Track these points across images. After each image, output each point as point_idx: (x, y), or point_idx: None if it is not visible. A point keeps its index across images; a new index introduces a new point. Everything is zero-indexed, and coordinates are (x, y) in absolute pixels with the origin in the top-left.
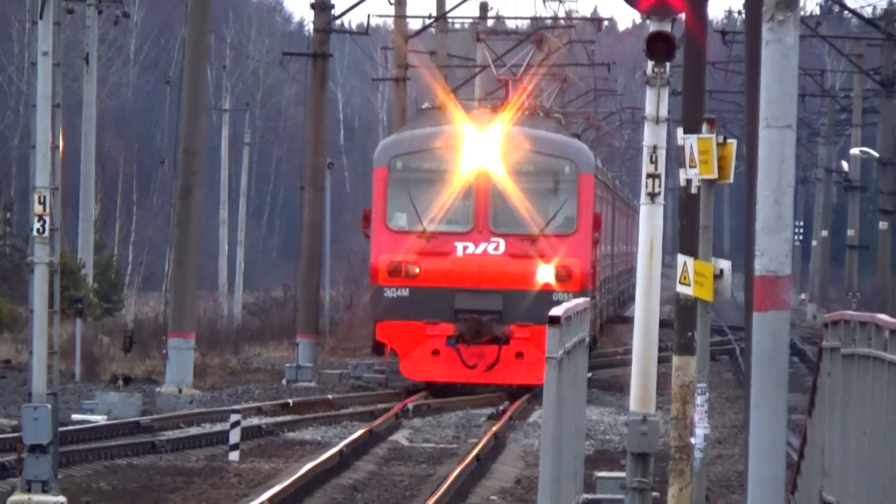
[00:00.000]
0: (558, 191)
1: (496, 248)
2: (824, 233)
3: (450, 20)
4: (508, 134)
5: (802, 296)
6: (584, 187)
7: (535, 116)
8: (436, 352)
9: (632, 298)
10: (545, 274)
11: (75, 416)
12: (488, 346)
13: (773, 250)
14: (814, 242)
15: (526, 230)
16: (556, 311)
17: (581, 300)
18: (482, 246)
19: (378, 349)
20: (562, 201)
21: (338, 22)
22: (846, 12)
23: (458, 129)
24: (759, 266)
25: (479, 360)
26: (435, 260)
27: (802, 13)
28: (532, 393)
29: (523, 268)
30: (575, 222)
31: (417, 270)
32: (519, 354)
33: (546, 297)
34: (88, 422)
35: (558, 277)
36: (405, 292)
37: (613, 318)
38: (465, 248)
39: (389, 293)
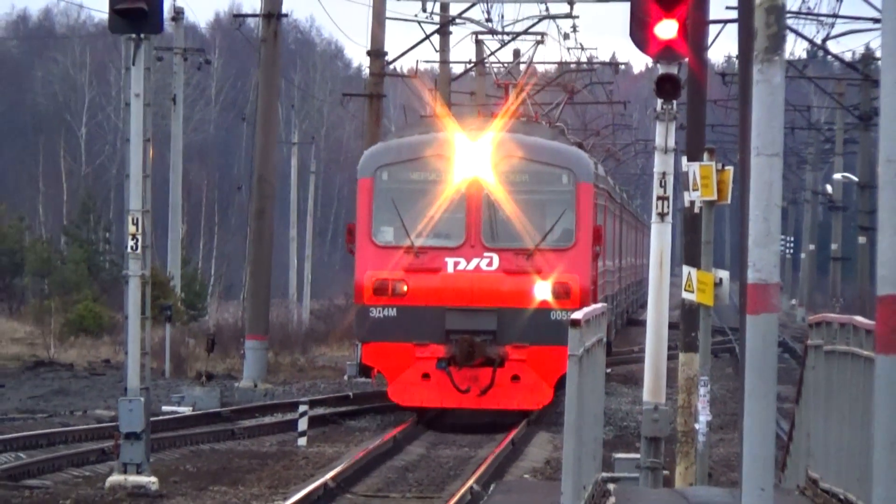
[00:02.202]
0: (555, 202)
1: (489, 264)
2: (811, 247)
3: (486, 65)
4: (502, 141)
5: (793, 301)
6: (582, 198)
7: (531, 123)
8: (426, 375)
9: (643, 306)
10: (542, 291)
11: (165, 408)
12: (482, 369)
13: (762, 261)
14: (802, 255)
15: (521, 244)
16: (577, 315)
17: (599, 305)
18: (474, 261)
19: (365, 372)
20: (559, 213)
21: (390, 67)
22: (829, 56)
23: (448, 136)
24: (751, 275)
25: (472, 383)
26: (424, 277)
27: (791, 57)
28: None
29: (518, 285)
30: (574, 235)
31: (405, 288)
32: (515, 377)
33: (543, 315)
34: (176, 412)
35: (556, 295)
36: (392, 312)
37: (622, 327)
38: (456, 263)
39: (375, 313)
